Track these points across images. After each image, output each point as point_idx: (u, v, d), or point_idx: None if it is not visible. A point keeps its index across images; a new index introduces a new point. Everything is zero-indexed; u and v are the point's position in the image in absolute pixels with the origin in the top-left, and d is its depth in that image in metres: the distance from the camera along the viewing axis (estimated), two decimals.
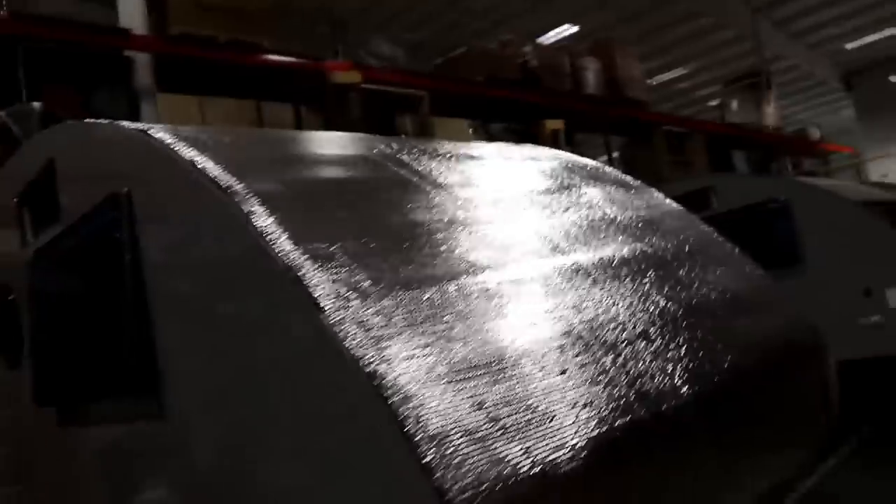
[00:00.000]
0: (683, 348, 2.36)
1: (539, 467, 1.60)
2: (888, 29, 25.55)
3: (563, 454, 1.67)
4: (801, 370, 2.95)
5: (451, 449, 1.46)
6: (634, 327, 2.28)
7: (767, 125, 20.83)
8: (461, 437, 1.50)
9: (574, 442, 1.71)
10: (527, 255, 2.33)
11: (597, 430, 1.81)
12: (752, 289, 3.10)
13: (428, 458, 1.41)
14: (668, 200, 3.61)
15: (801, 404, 2.89)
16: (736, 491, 2.50)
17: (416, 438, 1.44)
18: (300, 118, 11.92)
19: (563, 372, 1.88)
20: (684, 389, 2.20)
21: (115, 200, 2.38)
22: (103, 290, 2.52)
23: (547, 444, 1.66)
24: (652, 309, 2.44)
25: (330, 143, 2.87)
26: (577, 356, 1.98)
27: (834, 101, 34.14)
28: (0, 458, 4.63)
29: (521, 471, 1.55)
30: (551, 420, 1.73)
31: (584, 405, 1.83)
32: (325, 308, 1.61)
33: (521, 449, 1.60)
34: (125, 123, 2.52)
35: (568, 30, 21.35)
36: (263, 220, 1.84)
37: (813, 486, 5.33)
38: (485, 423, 1.58)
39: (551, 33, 21.22)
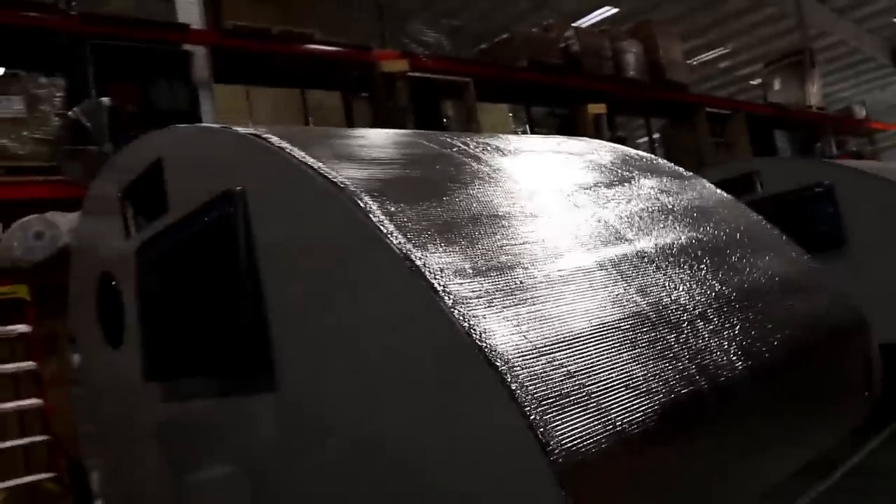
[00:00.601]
0: (737, 327, 2.62)
1: (619, 428, 1.89)
2: None
3: (639, 417, 1.96)
4: (845, 348, 3.19)
5: (551, 411, 1.75)
6: (694, 308, 2.54)
7: (811, 104, 20.64)
8: (557, 400, 1.79)
9: (647, 406, 2.00)
10: (597, 242, 2.61)
11: (665, 398, 2.09)
12: (799, 272, 3.34)
13: (533, 417, 1.70)
14: (718, 190, 3.84)
15: (845, 380, 3.14)
16: (783, 457, 2.76)
17: (522, 401, 1.73)
18: (349, 105, 12.24)
19: (635, 347, 2.16)
20: (739, 364, 2.47)
21: (230, 196, 2.70)
22: (216, 277, 2.84)
23: (624, 409, 1.95)
24: (708, 292, 2.70)
25: (414, 142, 3.16)
26: (645, 334, 2.26)
27: (881, 78, 33.54)
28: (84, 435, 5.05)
29: (606, 431, 1.84)
30: (626, 388, 2.01)
31: (654, 376, 2.11)
32: (438, 289, 1.91)
33: (604, 412, 1.89)
34: (237, 128, 2.82)
35: (608, 11, 21.33)
36: (377, 213, 2.14)
37: (858, 462, 5.55)
38: (574, 389, 1.86)
39: (591, 15, 21.22)
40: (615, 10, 21.36)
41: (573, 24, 15.67)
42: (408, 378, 2.02)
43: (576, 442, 1.75)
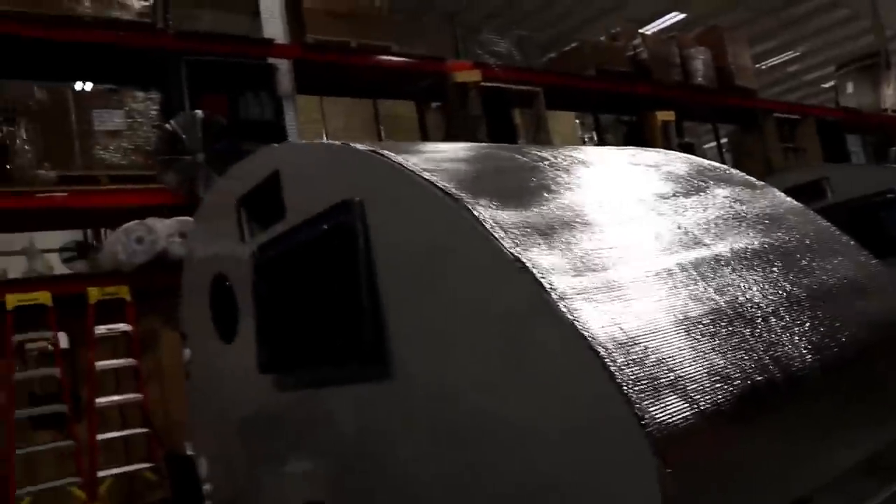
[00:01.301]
0: (807, 325, 2.87)
1: (702, 408, 2.18)
2: None
3: (719, 400, 2.25)
4: None
5: (646, 391, 2.06)
6: (767, 307, 2.81)
7: (886, 107, 20.27)
8: (650, 383, 2.10)
9: (727, 391, 2.29)
10: (678, 247, 2.89)
11: (742, 384, 2.37)
12: (866, 275, 3.55)
13: (632, 397, 2.01)
14: (787, 198, 4.07)
15: None
16: (849, 446, 2.99)
17: (620, 382, 2.05)
18: (423, 115, 12.66)
19: (715, 339, 2.45)
20: (809, 357, 2.72)
21: (350, 205, 3.08)
22: (335, 276, 3.21)
23: (707, 393, 2.24)
24: (780, 292, 2.96)
25: (508, 155, 3.50)
26: (723, 328, 2.54)
27: None
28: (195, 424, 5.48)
29: (692, 410, 2.14)
30: (708, 374, 2.31)
31: (732, 365, 2.40)
32: (546, 286, 2.24)
33: (689, 395, 2.18)
34: (353, 144, 3.20)
35: (676, 17, 21.33)
36: (488, 220, 2.48)
37: None
38: (663, 374, 2.17)
39: (659, 21, 21.26)
40: (683, 16, 21.33)
41: (640, 31, 15.79)
42: (517, 366, 2.35)
43: (666, 419, 2.05)
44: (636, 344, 2.22)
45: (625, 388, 2.04)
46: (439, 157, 3.29)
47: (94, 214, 9.60)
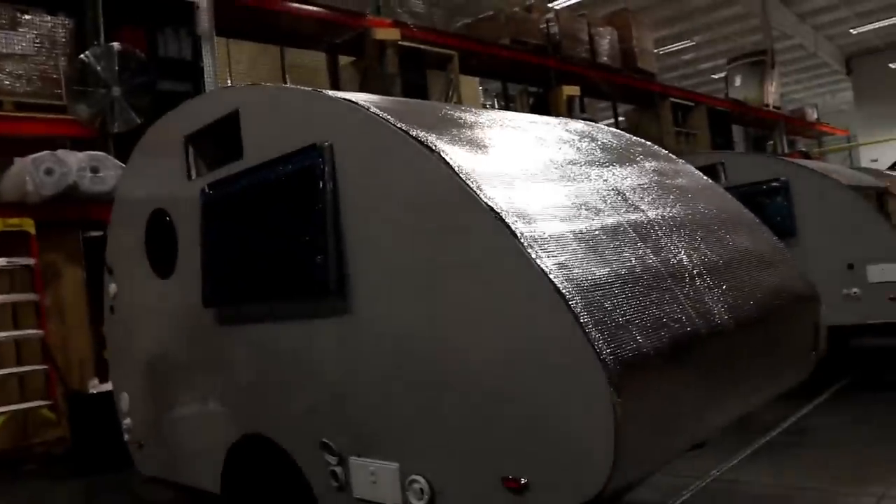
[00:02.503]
0: (724, 286, 3.27)
1: (645, 351, 2.51)
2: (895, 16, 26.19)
3: (657, 346, 2.59)
4: (801, 313, 3.89)
5: (602, 332, 2.37)
6: (693, 269, 3.18)
7: (768, 103, 21.62)
8: (606, 324, 2.41)
9: (664, 336, 2.64)
10: (619, 208, 3.22)
11: (674, 333, 2.73)
12: (769, 248, 4.01)
13: (592, 335, 2.32)
14: (704, 176, 4.50)
15: (800, 337, 3.84)
16: (754, 391, 3.43)
17: (582, 322, 2.34)
18: (336, 67, 12.61)
19: (653, 293, 2.80)
20: (725, 316, 3.11)
21: (317, 148, 3.23)
22: (298, 216, 3.36)
23: (649, 338, 2.57)
24: (702, 258, 3.34)
25: (472, 113, 3.73)
26: (659, 284, 2.89)
27: (833, 84, 34.93)
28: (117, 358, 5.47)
29: (638, 352, 2.47)
30: (650, 321, 2.64)
31: (667, 315, 2.75)
32: (512, 227, 2.51)
33: (635, 339, 2.51)
34: (325, 91, 3.35)
35: None
36: (464, 170, 2.72)
37: (796, 422, 6.40)
38: (617, 318, 2.49)
39: None
40: None
41: (552, 6, 16.20)
42: (485, 306, 2.61)
43: (619, 355, 2.37)
44: (595, 291, 2.52)
45: (586, 328, 2.34)
46: (418, 112, 3.48)
47: None
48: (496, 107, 17.52)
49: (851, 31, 28.17)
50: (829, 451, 5.61)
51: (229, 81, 12.90)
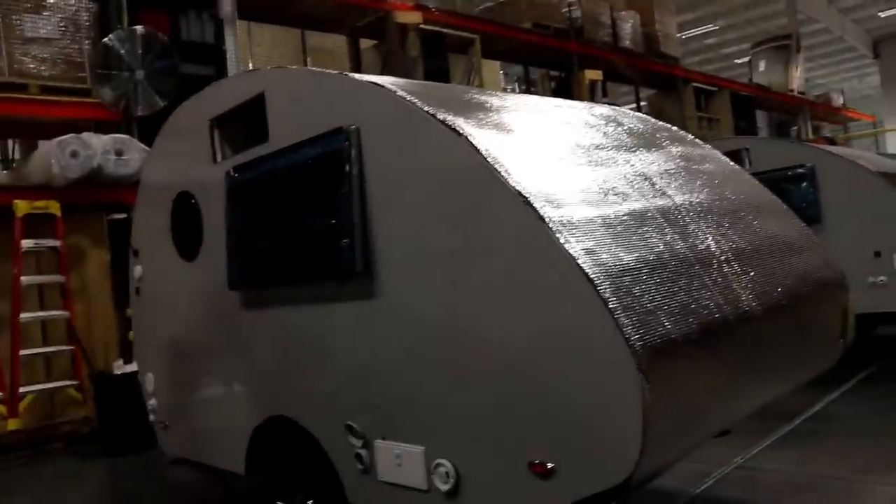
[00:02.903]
0: (752, 273, 3.24)
1: (674, 337, 2.50)
2: None
3: (685, 332, 2.57)
4: (830, 300, 3.85)
5: (632, 317, 2.36)
6: (720, 255, 3.15)
7: (793, 88, 21.35)
8: (636, 310, 2.40)
9: (693, 323, 2.62)
10: (647, 193, 3.19)
11: (703, 319, 2.71)
12: (797, 235, 3.97)
13: (621, 321, 2.31)
14: (731, 162, 4.45)
15: (828, 325, 3.80)
16: (782, 377, 3.41)
17: (612, 308, 2.33)
18: (358, 51, 12.59)
19: (682, 278, 2.77)
20: (753, 302, 3.09)
21: (344, 132, 3.23)
22: (325, 198, 3.36)
23: (678, 324, 2.56)
24: (730, 244, 3.31)
25: (498, 97, 3.71)
26: (688, 270, 2.86)
27: (860, 69, 34.43)
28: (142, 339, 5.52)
29: (667, 338, 2.45)
30: (679, 307, 2.62)
31: (696, 302, 2.73)
32: (540, 211, 2.50)
33: (664, 325, 2.49)
34: (349, 74, 3.34)
35: None
36: (492, 154, 2.70)
37: (821, 410, 6.36)
38: (646, 304, 2.47)
39: None
40: None
41: None
42: (515, 292, 2.60)
43: (648, 341, 2.36)
44: (624, 276, 2.50)
45: (616, 314, 2.33)
46: (443, 95, 3.46)
47: (21, 125, 9.26)
48: (517, 91, 17.47)
49: (880, 14, 27.73)
50: (854, 440, 5.56)
51: (251, 65, 12.93)
